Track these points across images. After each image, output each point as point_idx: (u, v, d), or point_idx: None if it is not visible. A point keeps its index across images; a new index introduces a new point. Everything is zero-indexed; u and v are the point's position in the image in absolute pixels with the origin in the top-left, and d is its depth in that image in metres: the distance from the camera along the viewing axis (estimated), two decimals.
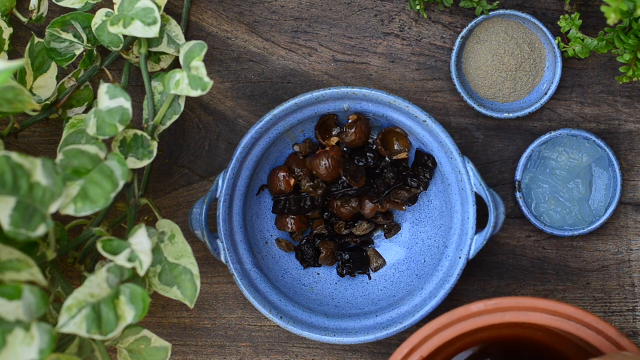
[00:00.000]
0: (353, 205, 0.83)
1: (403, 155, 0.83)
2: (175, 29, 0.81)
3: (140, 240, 0.73)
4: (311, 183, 0.83)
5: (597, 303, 0.85)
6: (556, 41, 0.82)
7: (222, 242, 0.80)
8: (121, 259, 0.72)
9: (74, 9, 0.84)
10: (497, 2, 0.83)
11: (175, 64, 0.84)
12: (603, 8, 0.62)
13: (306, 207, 0.83)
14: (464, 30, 0.82)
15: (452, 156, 0.79)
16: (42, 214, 0.65)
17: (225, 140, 0.87)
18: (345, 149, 0.84)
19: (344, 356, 0.86)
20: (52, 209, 0.66)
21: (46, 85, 0.83)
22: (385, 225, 0.86)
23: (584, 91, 0.85)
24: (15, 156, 0.63)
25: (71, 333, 0.70)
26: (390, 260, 0.86)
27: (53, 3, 0.85)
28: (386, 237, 0.86)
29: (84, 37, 0.81)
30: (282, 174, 0.83)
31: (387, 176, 0.83)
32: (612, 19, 0.62)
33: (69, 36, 0.81)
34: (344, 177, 0.82)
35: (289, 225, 0.84)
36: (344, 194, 0.83)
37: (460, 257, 0.80)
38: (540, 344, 0.78)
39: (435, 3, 0.85)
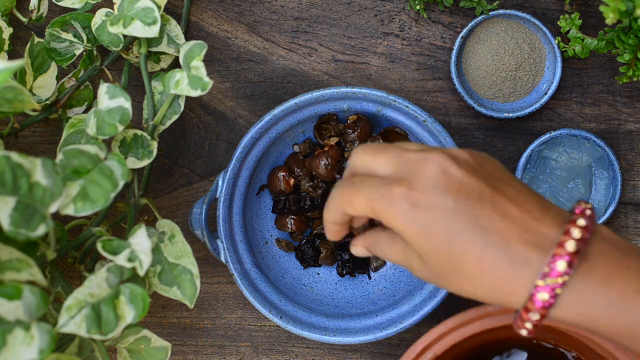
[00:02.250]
0: None
1: None
2: (175, 29, 0.81)
3: (140, 240, 0.73)
4: (311, 183, 0.83)
5: None
6: (556, 41, 0.82)
7: (222, 242, 0.80)
8: (121, 259, 0.72)
9: (74, 9, 0.84)
10: (497, 2, 0.83)
11: (175, 64, 0.84)
12: (602, 8, 0.62)
13: (306, 207, 0.83)
14: (464, 30, 0.82)
15: None
16: (42, 214, 0.65)
17: (225, 140, 0.87)
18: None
19: (344, 356, 0.86)
20: (52, 209, 0.66)
21: (46, 85, 0.83)
22: None
23: (584, 91, 0.85)
24: (15, 156, 0.63)
25: (71, 333, 0.70)
26: None
27: (53, 3, 0.85)
28: None
29: (84, 37, 0.81)
30: (282, 173, 0.83)
31: None
32: (610, 18, 0.62)
33: (69, 36, 0.81)
34: (337, 177, 0.82)
35: (288, 226, 0.84)
36: None
37: None
38: (553, 346, 0.78)
39: (435, 3, 0.85)
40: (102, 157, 0.73)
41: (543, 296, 0.54)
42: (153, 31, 0.76)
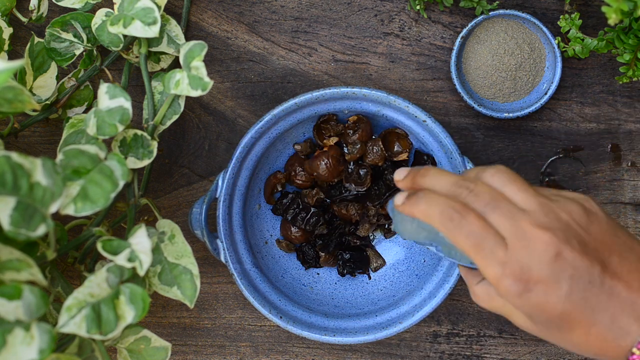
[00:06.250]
0: (354, 207, 0.83)
1: (404, 156, 0.83)
2: (175, 29, 0.81)
3: (140, 240, 0.73)
4: (308, 190, 0.83)
5: None
6: (556, 41, 0.82)
7: (222, 242, 0.80)
8: (121, 259, 0.72)
9: (74, 9, 0.84)
10: (497, 2, 0.83)
11: (175, 64, 0.84)
12: (604, 8, 0.62)
13: (310, 223, 0.83)
14: (464, 30, 0.82)
15: (452, 156, 0.79)
16: (42, 214, 0.65)
17: (225, 140, 0.87)
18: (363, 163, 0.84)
19: (344, 356, 0.86)
20: (52, 209, 0.66)
21: (46, 85, 0.83)
22: (386, 226, 0.86)
23: (584, 91, 0.85)
24: (15, 156, 0.63)
25: (71, 333, 0.70)
26: (390, 260, 0.86)
27: (53, 3, 0.85)
28: (386, 237, 0.86)
29: (84, 37, 0.81)
30: (275, 182, 0.84)
31: (387, 178, 0.83)
32: (613, 19, 0.62)
33: (69, 36, 0.81)
34: (347, 185, 0.82)
35: (293, 235, 0.84)
36: (342, 199, 0.83)
37: None
38: None
39: (435, 3, 0.85)
40: (102, 157, 0.73)
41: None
42: (153, 31, 0.76)
